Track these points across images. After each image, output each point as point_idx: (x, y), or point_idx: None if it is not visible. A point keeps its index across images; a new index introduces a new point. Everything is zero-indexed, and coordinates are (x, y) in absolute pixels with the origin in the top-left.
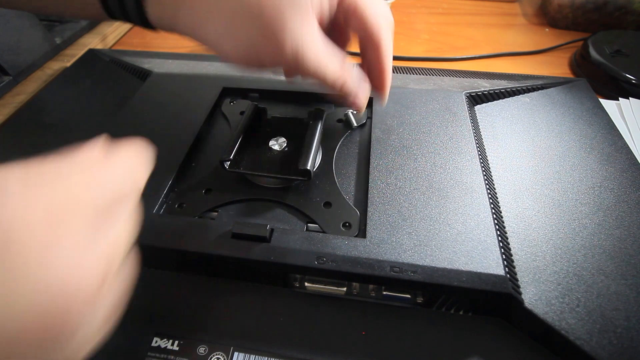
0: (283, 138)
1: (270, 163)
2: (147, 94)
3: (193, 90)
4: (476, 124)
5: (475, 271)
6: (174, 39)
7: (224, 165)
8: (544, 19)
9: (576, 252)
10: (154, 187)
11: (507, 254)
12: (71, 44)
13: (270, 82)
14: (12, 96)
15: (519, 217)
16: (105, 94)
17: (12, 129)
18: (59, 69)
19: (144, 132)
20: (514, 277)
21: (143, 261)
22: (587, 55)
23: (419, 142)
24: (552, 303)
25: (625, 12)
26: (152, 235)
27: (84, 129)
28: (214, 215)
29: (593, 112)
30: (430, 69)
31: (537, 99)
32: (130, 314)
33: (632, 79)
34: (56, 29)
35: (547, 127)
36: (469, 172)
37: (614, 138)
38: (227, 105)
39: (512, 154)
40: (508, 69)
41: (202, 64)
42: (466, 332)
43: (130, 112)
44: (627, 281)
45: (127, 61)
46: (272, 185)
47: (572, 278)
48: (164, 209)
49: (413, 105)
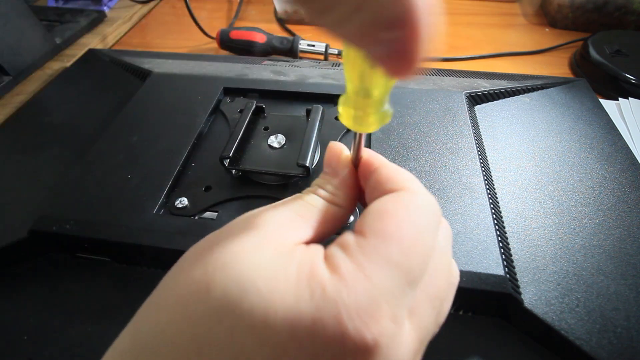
0: (282, 135)
1: (270, 160)
2: (147, 94)
3: (193, 90)
4: (476, 124)
5: (475, 271)
6: (173, 39)
7: (223, 162)
8: (544, 19)
9: (576, 252)
10: (154, 187)
11: (507, 254)
12: (71, 44)
13: (270, 82)
14: (12, 96)
15: (518, 217)
16: (105, 94)
17: (12, 129)
18: (59, 69)
19: (144, 132)
20: (514, 277)
21: (143, 261)
22: (587, 55)
23: (419, 142)
24: (551, 303)
25: (625, 12)
26: (152, 235)
27: (84, 129)
28: (214, 215)
29: (593, 112)
30: (430, 69)
31: (537, 99)
32: (130, 314)
33: (632, 79)
34: (56, 29)
35: (547, 127)
36: (468, 172)
37: (614, 138)
38: (225, 103)
39: (512, 154)
40: (508, 69)
41: (202, 64)
42: (466, 332)
43: (130, 112)
44: (626, 281)
45: (127, 61)
46: (271, 182)
47: (571, 278)
48: (164, 209)
49: (413, 105)
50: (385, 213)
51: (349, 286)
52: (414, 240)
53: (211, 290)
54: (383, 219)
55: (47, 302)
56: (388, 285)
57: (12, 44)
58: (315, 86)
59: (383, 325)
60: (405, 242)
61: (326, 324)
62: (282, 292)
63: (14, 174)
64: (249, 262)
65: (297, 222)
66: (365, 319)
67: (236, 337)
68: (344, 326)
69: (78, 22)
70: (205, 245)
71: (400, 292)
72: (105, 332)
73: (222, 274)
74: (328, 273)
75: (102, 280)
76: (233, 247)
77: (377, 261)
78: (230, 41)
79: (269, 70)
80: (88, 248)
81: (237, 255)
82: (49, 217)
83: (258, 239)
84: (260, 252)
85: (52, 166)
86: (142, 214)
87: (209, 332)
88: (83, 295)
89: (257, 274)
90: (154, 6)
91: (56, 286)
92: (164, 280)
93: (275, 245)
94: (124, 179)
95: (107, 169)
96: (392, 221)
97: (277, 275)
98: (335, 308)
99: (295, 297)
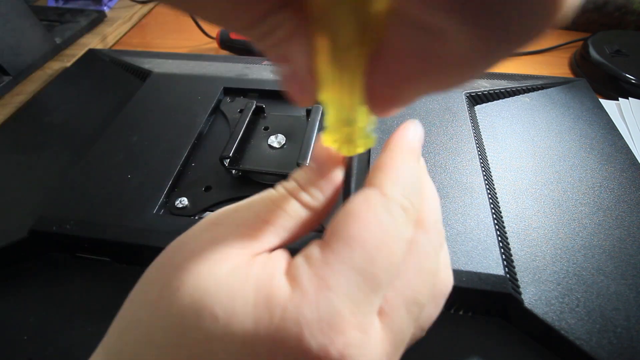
0: (282, 135)
1: (270, 160)
2: (147, 94)
3: (193, 90)
4: (476, 124)
5: (475, 271)
6: (173, 39)
7: (223, 162)
8: None
9: (576, 252)
10: (154, 187)
11: (507, 254)
12: (71, 44)
13: (270, 82)
14: (12, 96)
15: (518, 217)
16: (105, 94)
17: (12, 129)
18: (59, 69)
19: (144, 132)
20: (514, 277)
21: (143, 261)
22: (587, 55)
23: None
24: (551, 303)
25: (625, 12)
26: (152, 235)
27: (84, 129)
28: None
29: (593, 112)
30: None
31: (537, 99)
32: None
33: (632, 79)
34: (56, 29)
35: (547, 127)
36: (468, 172)
37: (614, 138)
38: (225, 103)
39: (512, 154)
40: (508, 69)
41: (202, 64)
42: (466, 332)
43: (130, 112)
44: (626, 281)
45: (127, 61)
46: (271, 182)
47: (571, 278)
48: (164, 209)
49: (413, 105)
50: (351, 214)
51: (310, 300)
52: (379, 244)
53: (168, 314)
54: (348, 221)
55: (47, 302)
56: (351, 293)
57: (12, 44)
58: None
59: (348, 335)
60: (369, 246)
61: (288, 345)
62: (239, 316)
63: (14, 174)
64: (206, 283)
65: (261, 230)
66: (329, 333)
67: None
68: (306, 345)
69: (78, 22)
70: (164, 258)
71: (365, 299)
72: (105, 332)
73: (178, 296)
74: (289, 289)
75: (102, 280)
76: (190, 262)
77: (339, 269)
78: (230, 41)
79: (268, 70)
80: (88, 248)
81: (193, 274)
82: (49, 217)
83: (217, 250)
84: (219, 269)
85: (52, 166)
86: (142, 214)
87: (172, 356)
88: (83, 295)
89: (214, 297)
90: (153, 6)
91: (56, 286)
92: (129, 299)
93: (235, 260)
94: (124, 179)
95: (107, 169)
96: (356, 224)
97: (234, 297)
98: (297, 327)
99: (254, 320)
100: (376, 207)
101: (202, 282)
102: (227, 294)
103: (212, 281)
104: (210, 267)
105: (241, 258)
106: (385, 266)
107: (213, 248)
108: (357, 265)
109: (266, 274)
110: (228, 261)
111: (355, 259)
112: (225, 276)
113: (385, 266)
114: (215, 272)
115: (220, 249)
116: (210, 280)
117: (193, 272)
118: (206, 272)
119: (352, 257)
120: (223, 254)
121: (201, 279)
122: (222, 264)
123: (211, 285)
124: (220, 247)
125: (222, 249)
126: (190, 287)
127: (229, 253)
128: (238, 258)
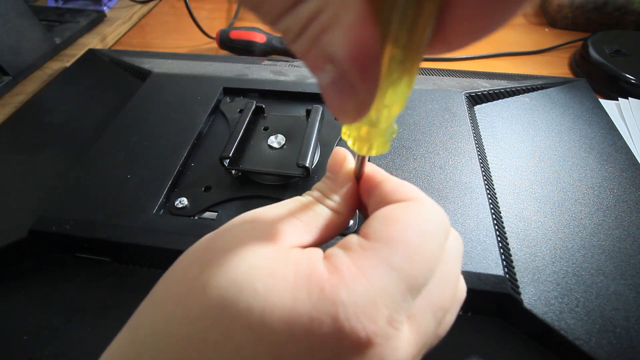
0: (282, 135)
1: (269, 160)
2: (147, 94)
3: (193, 90)
4: (476, 124)
5: (474, 271)
6: (173, 39)
7: (223, 163)
8: (543, 19)
9: (575, 252)
10: (153, 187)
11: (507, 254)
12: (71, 44)
13: (270, 82)
14: (12, 96)
15: (518, 217)
16: (105, 94)
17: (12, 129)
18: (59, 69)
19: (144, 132)
20: (513, 278)
21: (143, 261)
22: (586, 55)
23: (418, 142)
24: (551, 303)
25: (625, 12)
26: (152, 235)
27: (84, 128)
28: (213, 215)
29: (593, 112)
30: (430, 69)
31: (536, 99)
32: (130, 314)
33: (631, 79)
34: (56, 29)
35: (547, 127)
36: (468, 172)
37: (614, 138)
38: (225, 103)
39: (511, 154)
40: (508, 69)
41: (202, 64)
42: (466, 332)
43: (130, 112)
44: (626, 281)
45: (127, 61)
46: (271, 182)
47: (571, 278)
48: (164, 209)
49: (412, 106)
50: (391, 219)
51: (349, 286)
52: (420, 247)
53: (207, 289)
54: (389, 225)
55: (47, 302)
56: (388, 289)
57: (12, 44)
58: (315, 86)
59: (380, 326)
60: (410, 248)
61: (323, 322)
62: (279, 292)
63: (13, 174)
64: (246, 263)
65: (296, 227)
66: (362, 318)
67: (232, 336)
68: (340, 325)
69: (78, 22)
70: (202, 245)
71: (400, 297)
72: (105, 332)
73: (218, 274)
74: (327, 273)
75: (102, 280)
76: (230, 247)
77: (379, 264)
78: (230, 41)
79: (268, 70)
80: (88, 248)
81: (233, 256)
82: (49, 217)
83: (255, 240)
84: (258, 253)
85: (52, 166)
86: (141, 214)
87: (206, 331)
88: (83, 295)
89: (253, 274)
90: (153, 6)
91: (56, 286)
92: (162, 280)
93: (273, 247)
94: (124, 179)
95: (107, 169)
96: (398, 227)
97: (274, 275)
98: (333, 307)
99: (293, 296)
100: (417, 214)
101: (244, 262)
102: (268, 272)
103: (253, 260)
104: (251, 251)
105: (280, 246)
106: (423, 269)
107: (252, 237)
108: (396, 265)
109: (305, 258)
110: (268, 247)
111: (395, 259)
112: (265, 258)
113: (424, 270)
114: (257, 254)
115: (259, 239)
116: (253, 259)
117: (235, 254)
118: (248, 254)
119: (392, 256)
120: (263, 241)
121: (243, 258)
122: (262, 248)
123: (252, 264)
124: (259, 237)
125: (262, 236)
126: (233, 265)
127: (268, 241)
128: (276, 246)
